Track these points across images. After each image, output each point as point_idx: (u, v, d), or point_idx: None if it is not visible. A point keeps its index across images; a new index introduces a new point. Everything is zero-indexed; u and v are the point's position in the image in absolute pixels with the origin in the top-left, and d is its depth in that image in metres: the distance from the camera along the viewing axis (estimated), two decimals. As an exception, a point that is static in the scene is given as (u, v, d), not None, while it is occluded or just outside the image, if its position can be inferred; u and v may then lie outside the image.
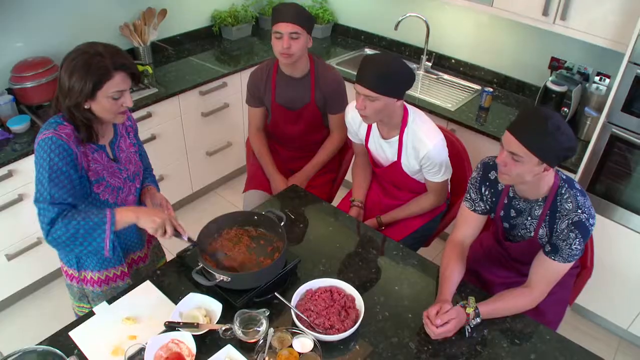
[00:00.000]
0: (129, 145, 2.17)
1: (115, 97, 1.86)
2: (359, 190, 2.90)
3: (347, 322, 1.92)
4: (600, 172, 2.90)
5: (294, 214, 2.57)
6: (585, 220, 1.94)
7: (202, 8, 4.46)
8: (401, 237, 2.74)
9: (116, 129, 2.12)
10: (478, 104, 3.61)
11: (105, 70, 1.80)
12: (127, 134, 2.18)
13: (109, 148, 2.07)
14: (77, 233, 1.86)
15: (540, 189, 2.03)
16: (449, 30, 4.00)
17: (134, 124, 2.25)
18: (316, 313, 1.95)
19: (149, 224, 1.93)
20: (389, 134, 2.56)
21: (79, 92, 1.80)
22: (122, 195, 2.13)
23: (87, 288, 2.25)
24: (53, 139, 1.84)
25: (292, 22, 2.65)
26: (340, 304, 1.99)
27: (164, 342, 1.81)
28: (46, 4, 3.40)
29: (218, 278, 1.94)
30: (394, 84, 2.30)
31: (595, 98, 3.14)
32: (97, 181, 2.00)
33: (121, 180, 2.11)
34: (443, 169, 2.54)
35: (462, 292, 2.14)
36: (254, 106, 3.07)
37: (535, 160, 1.87)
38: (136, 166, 2.20)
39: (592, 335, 3.35)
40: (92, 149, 1.98)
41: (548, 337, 1.99)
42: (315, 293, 2.03)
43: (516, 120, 1.92)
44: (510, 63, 3.78)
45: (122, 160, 2.11)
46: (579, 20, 2.95)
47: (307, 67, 2.89)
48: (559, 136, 1.82)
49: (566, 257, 1.98)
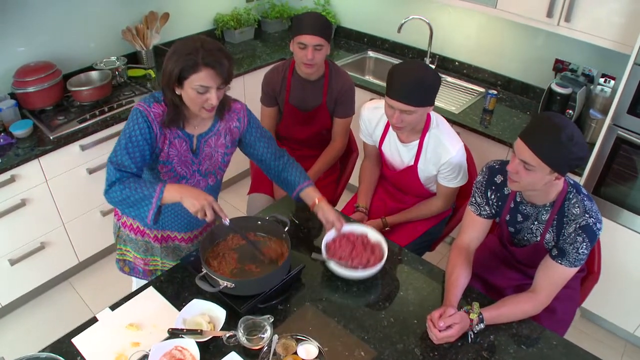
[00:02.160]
0: (220, 145, 2.22)
1: (200, 91, 1.93)
2: (364, 196, 2.87)
3: (377, 254, 2.21)
4: (606, 175, 2.88)
5: (298, 218, 2.56)
6: (592, 224, 1.93)
7: (204, 11, 4.46)
8: (407, 242, 2.72)
9: (215, 125, 2.19)
10: (482, 107, 3.59)
11: (193, 62, 1.88)
12: (226, 134, 2.23)
13: (196, 139, 2.16)
14: (128, 199, 1.98)
15: (549, 195, 2.01)
16: (452, 33, 3.99)
17: (243, 125, 2.29)
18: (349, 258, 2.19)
19: (190, 206, 1.95)
20: (409, 138, 2.55)
21: (169, 75, 1.93)
22: (187, 184, 2.17)
23: (123, 230, 2.42)
24: (142, 113, 2.01)
25: (317, 34, 2.68)
26: (360, 243, 2.24)
27: (168, 349, 1.79)
28: (48, 9, 3.40)
29: (222, 284, 1.93)
30: (428, 93, 2.29)
31: (600, 100, 3.12)
32: (164, 162, 2.12)
33: (189, 171, 2.19)
34: (460, 176, 2.54)
35: (467, 298, 2.13)
36: (268, 105, 3.07)
37: (547, 169, 1.85)
38: (214, 165, 2.25)
39: (597, 339, 3.33)
40: (176, 135, 2.10)
41: (555, 342, 1.97)
42: (334, 244, 2.24)
43: (528, 128, 1.90)
44: (514, 65, 3.77)
45: (202, 155, 2.19)
46: (583, 22, 2.93)
47: (322, 71, 2.91)
48: (572, 146, 1.80)
49: (573, 261, 1.97)
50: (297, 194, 2.36)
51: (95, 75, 3.56)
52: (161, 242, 2.38)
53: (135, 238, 2.40)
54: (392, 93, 2.28)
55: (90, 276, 3.65)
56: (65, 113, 3.31)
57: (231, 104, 2.24)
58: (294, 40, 2.74)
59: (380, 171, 2.90)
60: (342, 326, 1.97)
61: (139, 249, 2.42)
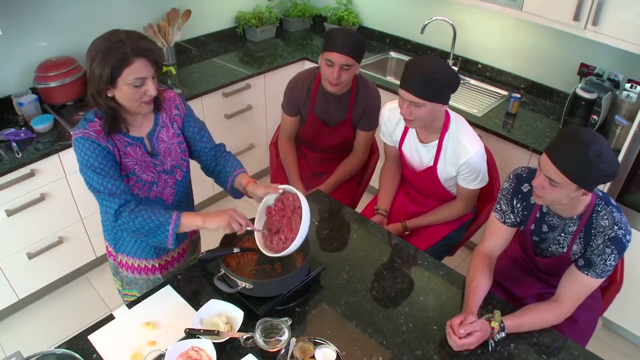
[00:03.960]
0: (171, 135, 2.13)
1: (136, 85, 1.81)
2: (384, 198, 2.85)
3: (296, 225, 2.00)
4: (630, 182, 2.82)
5: (317, 220, 2.54)
6: (622, 236, 1.89)
7: (226, 9, 4.46)
8: (427, 246, 2.69)
9: (157, 118, 2.08)
10: (505, 110, 3.55)
11: (123, 55, 1.75)
12: (172, 123, 2.13)
13: (147, 140, 2.05)
14: (142, 229, 1.90)
15: (576, 209, 1.97)
16: (476, 34, 3.94)
17: (182, 112, 2.17)
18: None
19: (220, 223, 1.91)
20: (428, 137, 2.52)
21: (99, 78, 1.78)
22: (157, 189, 2.11)
23: (122, 271, 2.32)
24: (84, 138, 1.86)
25: (346, 54, 2.61)
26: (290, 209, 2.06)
27: (184, 349, 1.78)
28: (70, 4, 3.42)
29: (240, 285, 1.91)
30: (440, 89, 2.26)
31: (625, 106, 3.06)
32: (127, 175, 2.00)
33: (155, 174, 2.09)
34: (480, 177, 2.50)
35: (488, 305, 2.09)
36: (290, 115, 3.03)
37: (573, 186, 1.80)
38: (176, 158, 2.15)
39: (618, 350, 3.27)
40: (126, 143, 1.98)
41: (576, 352, 1.93)
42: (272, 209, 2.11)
43: (554, 143, 1.84)
44: (538, 68, 3.72)
45: (161, 153, 2.09)
46: (610, 26, 2.87)
47: (349, 86, 2.85)
48: (600, 164, 1.74)
49: (599, 272, 1.93)
50: (232, 184, 2.25)
51: (116, 71, 3.56)
52: (162, 270, 2.33)
53: (134, 277, 2.32)
54: (402, 83, 2.29)
55: (107, 272, 3.65)
56: (86, 109, 3.26)
57: (163, 93, 2.12)
58: (322, 55, 2.69)
59: (401, 174, 2.87)
60: (360, 330, 1.95)
61: (142, 290, 2.35)
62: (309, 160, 3.21)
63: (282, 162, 3.15)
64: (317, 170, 3.20)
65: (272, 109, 4.27)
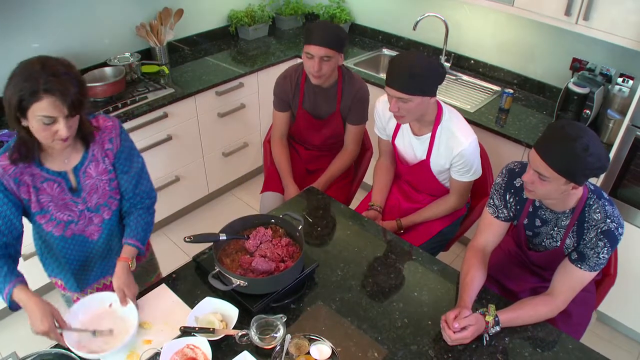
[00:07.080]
0: (101, 171, 1.97)
1: (45, 122, 1.65)
2: (379, 194, 2.85)
3: None
4: (623, 176, 2.83)
5: (311, 217, 2.54)
6: (614, 229, 1.89)
7: (218, 8, 4.45)
8: (421, 242, 2.69)
9: (88, 151, 1.93)
10: (498, 106, 3.56)
11: (33, 90, 1.60)
12: (103, 158, 1.96)
13: (72, 174, 1.92)
14: None
15: (568, 203, 1.98)
16: (468, 31, 3.95)
17: (115, 146, 1.99)
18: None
19: (32, 321, 1.74)
20: (421, 130, 2.54)
21: (8, 105, 1.66)
22: (77, 227, 2.00)
23: (65, 293, 2.28)
24: None
25: (324, 46, 2.63)
26: None
27: (180, 347, 1.79)
28: (62, 5, 3.41)
29: (235, 282, 1.91)
30: (424, 82, 2.28)
31: (618, 100, 3.07)
32: (40, 212, 1.90)
33: (76, 213, 1.97)
34: (473, 169, 2.51)
35: (482, 299, 2.10)
36: (281, 110, 3.04)
37: (562, 180, 1.81)
38: (103, 196, 2.01)
39: (613, 343, 3.29)
40: (42, 178, 1.86)
41: (570, 346, 1.94)
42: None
43: (542, 138, 1.85)
44: (531, 64, 3.72)
45: (86, 189, 1.95)
46: (602, 20, 2.88)
47: (335, 78, 2.87)
48: (587, 157, 1.74)
49: (593, 265, 1.94)
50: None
51: (109, 71, 3.57)
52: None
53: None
54: (386, 80, 2.32)
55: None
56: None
57: (101, 123, 1.95)
58: (303, 49, 2.72)
59: (395, 170, 2.88)
60: (355, 326, 1.96)
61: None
62: (302, 158, 3.21)
63: (274, 161, 3.16)
64: (311, 167, 3.21)
65: (265, 107, 4.27)
